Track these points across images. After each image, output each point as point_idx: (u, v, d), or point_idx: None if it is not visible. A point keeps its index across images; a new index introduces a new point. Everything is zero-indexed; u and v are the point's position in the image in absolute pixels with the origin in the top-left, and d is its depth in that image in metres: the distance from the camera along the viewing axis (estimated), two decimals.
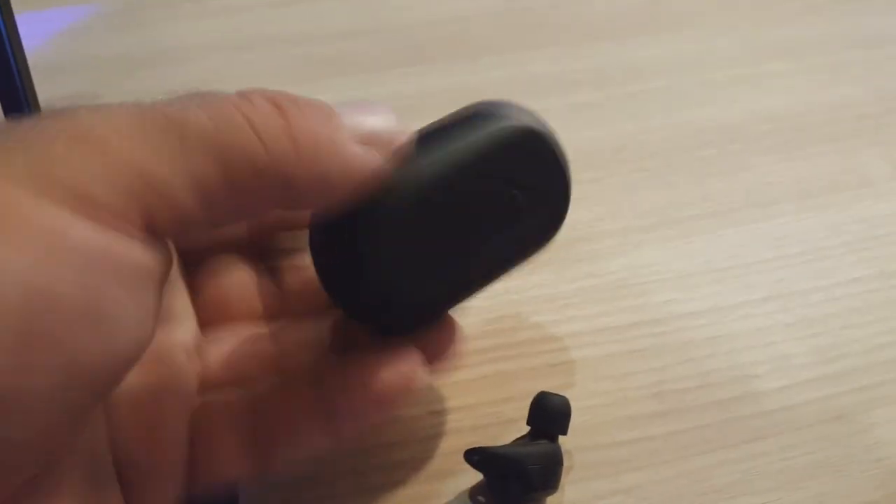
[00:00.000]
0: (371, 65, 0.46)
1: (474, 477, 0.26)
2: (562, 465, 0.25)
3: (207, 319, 0.24)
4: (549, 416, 0.25)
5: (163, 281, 0.19)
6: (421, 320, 0.23)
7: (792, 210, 0.37)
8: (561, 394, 0.26)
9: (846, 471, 0.27)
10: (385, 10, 0.52)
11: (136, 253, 0.17)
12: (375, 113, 0.21)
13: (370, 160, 0.20)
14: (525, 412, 0.27)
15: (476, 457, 0.25)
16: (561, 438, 0.26)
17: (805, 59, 0.47)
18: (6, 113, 0.31)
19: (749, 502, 0.26)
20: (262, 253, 0.26)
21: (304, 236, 0.24)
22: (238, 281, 0.25)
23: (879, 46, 0.48)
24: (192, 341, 0.23)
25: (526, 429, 0.27)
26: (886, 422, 0.28)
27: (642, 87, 0.44)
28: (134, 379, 0.20)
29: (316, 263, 0.23)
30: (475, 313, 0.31)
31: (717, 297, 0.33)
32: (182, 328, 0.23)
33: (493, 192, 0.23)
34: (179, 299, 0.24)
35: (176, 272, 0.24)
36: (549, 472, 0.24)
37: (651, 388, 0.29)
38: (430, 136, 0.22)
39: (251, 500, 0.26)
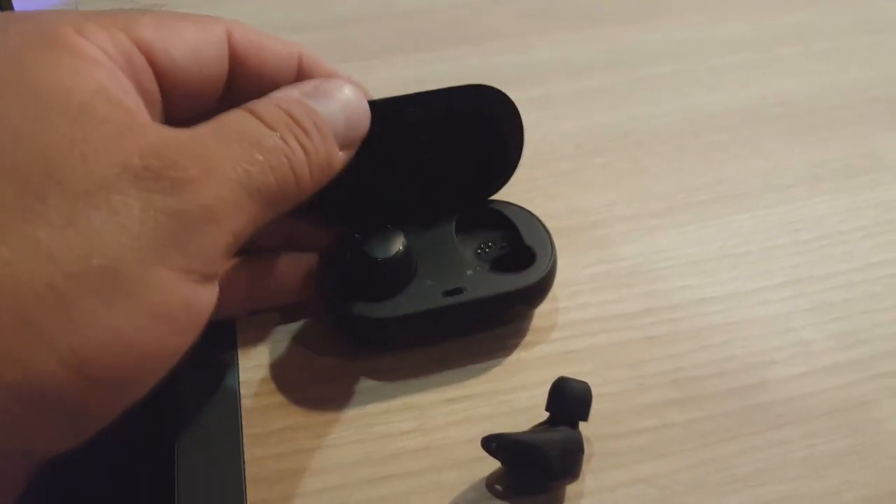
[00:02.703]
0: (374, 51, 0.45)
1: (491, 465, 0.25)
2: (583, 452, 0.24)
3: None
4: (570, 401, 0.25)
5: None
6: None
7: (806, 194, 0.36)
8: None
9: (870, 459, 0.26)
10: None
11: None
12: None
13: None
14: (537, 400, 0.26)
15: (494, 444, 0.24)
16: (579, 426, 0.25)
17: (815, 43, 0.46)
18: None
19: (774, 491, 0.25)
20: None
21: None
22: None
23: (888, 31, 0.47)
24: None
25: (542, 416, 0.26)
26: None
27: (651, 71, 0.44)
28: None
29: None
30: None
31: (733, 282, 0.32)
32: None
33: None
34: None
35: None
36: (569, 458, 0.24)
37: (668, 376, 0.29)
38: None
39: (260, 492, 0.25)
